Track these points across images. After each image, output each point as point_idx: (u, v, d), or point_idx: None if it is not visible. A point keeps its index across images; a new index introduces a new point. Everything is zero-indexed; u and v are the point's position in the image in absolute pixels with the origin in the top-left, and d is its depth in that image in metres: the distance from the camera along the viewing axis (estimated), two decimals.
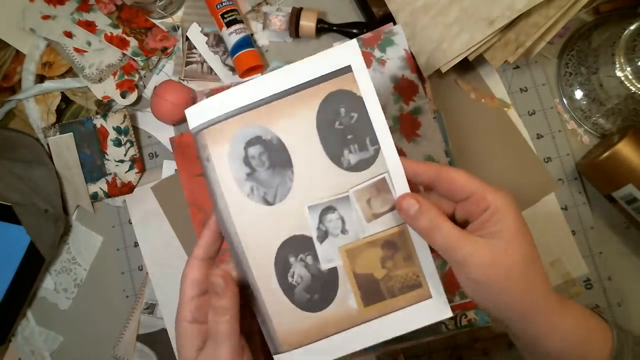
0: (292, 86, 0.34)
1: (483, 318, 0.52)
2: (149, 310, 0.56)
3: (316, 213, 0.34)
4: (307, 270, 0.35)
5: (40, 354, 0.58)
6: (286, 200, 0.34)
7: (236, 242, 0.34)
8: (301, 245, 0.35)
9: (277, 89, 0.34)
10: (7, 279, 0.56)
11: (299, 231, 0.34)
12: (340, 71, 0.34)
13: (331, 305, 0.35)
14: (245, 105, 0.34)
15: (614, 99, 0.51)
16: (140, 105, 0.61)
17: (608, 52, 0.50)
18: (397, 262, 0.35)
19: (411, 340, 0.52)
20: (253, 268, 0.34)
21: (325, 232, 0.34)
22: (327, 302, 0.35)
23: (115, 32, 0.59)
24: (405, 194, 0.33)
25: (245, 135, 0.34)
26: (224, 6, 0.57)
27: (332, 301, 0.35)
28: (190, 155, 0.56)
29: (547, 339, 0.33)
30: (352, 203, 0.34)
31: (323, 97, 0.34)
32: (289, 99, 0.34)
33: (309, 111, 0.34)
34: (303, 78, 0.34)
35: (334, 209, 0.34)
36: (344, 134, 0.34)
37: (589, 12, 0.57)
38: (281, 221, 0.34)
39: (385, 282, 0.35)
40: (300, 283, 0.35)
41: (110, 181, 0.58)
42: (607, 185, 0.51)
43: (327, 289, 0.35)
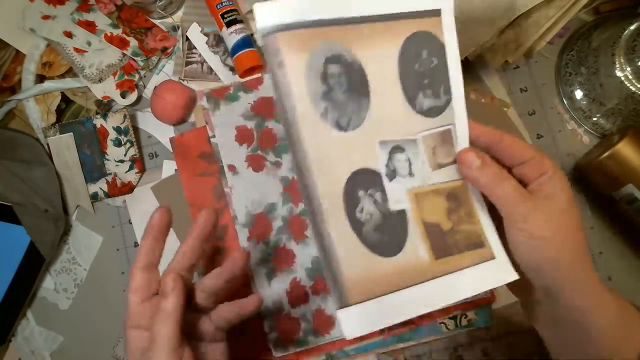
0: (382, 13, 0.32)
1: (483, 318, 0.52)
2: None
3: (386, 150, 0.33)
4: (377, 207, 0.32)
5: (40, 354, 0.58)
6: (359, 129, 0.32)
7: (303, 163, 0.31)
8: (371, 180, 0.32)
9: (364, 11, 0.32)
10: (7, 279, 0.56)
11: (369, 164, 0.32)
12: (431, 12, 0.33)
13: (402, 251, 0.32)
14: (328, 19, 0.31)
15: (614, 99, 0.51)
16: (140, 105, 0.61)
17: (608, 52, 0.50)
18: (461, 216, 0.34)
19: (411, 341, 0.52)
20: (321, 196, 0.31)
21: (394, 171, 0.33)
22: (398, 247, 0.32)
23: (115, 32, 0.59)
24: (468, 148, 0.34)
25: (327, 49, 0.31)
26: (224, 6, 0.57)
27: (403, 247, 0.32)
28: (190, 156, 0.56)
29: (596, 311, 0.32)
30: (419, 147, 0.33)
31: (408, 35, 0.33)
32: (376, 27, 0.32)
33: (393, 45, 0.33)
34: (395, 8, 0.32)
35: (403, 149, 0.33)
36: (422, 76, 0.33)
37: (589, 12, 0.57)
38: (353, 150, 0.32)
39: (452, 235, 0.33)
40: (370, 221, 0.32)
41: (110, 181, 0.58)
42: (607, 185, 0.51)
43: (397, 232, 0.32)
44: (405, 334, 0.52)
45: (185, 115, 0.58)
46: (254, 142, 0.56)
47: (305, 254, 0.53)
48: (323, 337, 0.51)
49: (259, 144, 0.56)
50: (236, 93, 0.57)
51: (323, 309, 0.52)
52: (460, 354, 0.54)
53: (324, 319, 0.51)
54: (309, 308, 0.52)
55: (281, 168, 0.55)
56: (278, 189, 0.55)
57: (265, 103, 0.56)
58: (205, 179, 0.56)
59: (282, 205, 0.54)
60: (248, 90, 0.57)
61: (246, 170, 0.55)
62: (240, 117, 0.56)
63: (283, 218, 0.54)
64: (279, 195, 0.55)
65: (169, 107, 0.56)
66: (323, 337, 0.51)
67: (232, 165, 0.55)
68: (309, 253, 0.53)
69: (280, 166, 0.55)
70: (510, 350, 0.53)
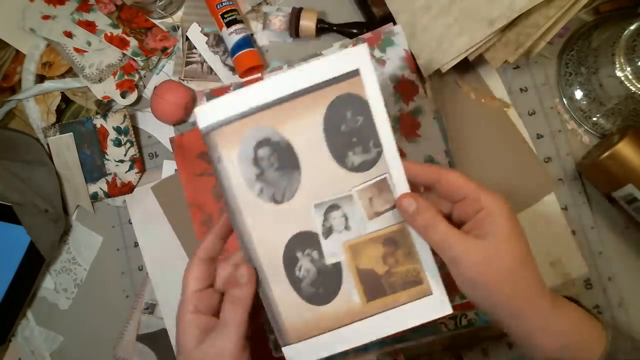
0: (301, 88, 0.35)
1: (483, 318, 0.52)
2: (149, 310, 0.56)
3: (321, 211, 0.36)
4: (313, 264, 0.36)
5: (40, 354, 0.58)
6: (294, 199, 0.36)
7: (247, 239, 0.36)
8: (308, 240, 0.36)
9: (286, 91, 0.35)
10: (7, 279, 0.56)
11: (305, 228, 0.36)
12: (349, 74, 0.35)
13: (336, 299, 0.36)
14: (255, 107, 0.35)
15: (614, 99, 0.51)
16: (140, 105, 0.61)
17: (608, 52, 0.50)
18: (398, 258, 0.36)
19: (411, 341, 0.52)
20: (263, 263, 0.36)
21: (330, 229, 0.36)
22: (332, 295, 0.36)
23: (115, 32, 0.59)
24: (405, 194, 0.35)
25: (255, 136, 0.35)
26: (224, 6, 0.57)
27: (337, 295, 0.36)
28: (190, 156, 0.56)
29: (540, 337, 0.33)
30: (355, 201, 0.36)
31: (331, 100, 0.35)
32: (297, 101, 0.35)
33: (317, 114, 0.35)
34: (312, 80, 0.35)
35: (338, 206, 0.36)
36: (349, 136, 0.35)
37: (589, 12, 0.57)
38: (289, 218, 0.36)
39: (386, 278, 0.36)
40: (307, 277, 0.37)
41: (110, 181, 0.58)
42: (607, 185, 0.51)
43: (332, 282, 0.36)
44: (405, 334, 0.52)
45: (185, 115, 0.58)
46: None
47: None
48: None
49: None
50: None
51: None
52: (460, 354, 0.54)
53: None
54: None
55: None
56: None
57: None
58: (205, 179, 0.56)
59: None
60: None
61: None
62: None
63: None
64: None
65: (169, 107, 0.56)
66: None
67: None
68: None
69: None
70: (511, 350, 0.53)
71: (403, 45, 0.54)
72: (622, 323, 0.52)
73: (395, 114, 0.53)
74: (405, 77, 0.54)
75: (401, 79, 0.54)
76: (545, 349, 0.33)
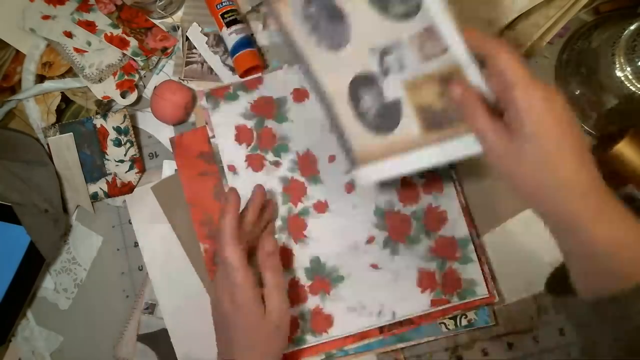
0: None
1: (483, 318, 0.52)
2: (149, 310, 0.56)
3: (376, 54, 0.40)
4: (375, 100, 0.42)
5: (41, 354, 0.58)
6: (348, 46, 0.41)
7: (319, 83, 0.43)
8: (368, 81, 0.42)
9: None
10: (7, 279, 0.56)
11: (364, 69, 0.41)
12: None
13: (396, 129, 0.42)
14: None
15: (614, 99, 0.51)
16: (140, 105, 0.61)
17: (608, 52, 0.50)
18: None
19: (411, 341, 0.52)
20: (334, 101, 0.44)
21: (387, 69, 0.40)
22: (393, 127, 0.42)
23: (115, 32, 0.59)
24: (452, 82, 0.36)
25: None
26: (224, 6, 0.57)
27: (397, 126, 0.41)
28: (190, 156, 0.56)
29: (600, 220, 0.32)
30: (406, 45, 0.38)
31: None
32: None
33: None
34: None
35: (391, 50, 0.39)
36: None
37: (589, 12, 0.57)
38: (348, 63, 0.42)
39: (443, 112, 0.38)
40: (370, 111, 0.43)
41: (110, 181, 0.58)
42: None
43: (393, 116, 0.41)
44: (405, 333, 0.52)
45: (185, 115, 0.58)
46: (253, 142, 0.56)
47: (304, 254, 0.53)
48: (321, 335, 0.51)
49: (259, 143, 0.56)
50: (236, 92, 0.57)
51: (321, 308, 0.52)
52: (460, 354, 0.54)
53: (322, 318, 0.51)
54: (307, 307, 0.52)
55: (280, 168, 0.55)
56: (277, 188, 0.55)
57: (265, 102, 0.56)
58: (205, 178, 0.56)
59: (281, 204, 0.54)
60: (248, 89, 0.57)
61: (246, 170, 0.55)
62: (240, 117, 0.56)
63: (282, 218, 0.54)
64: (278, 194, 0.55)
65: (169, 107, 0.56)
66: (321, 335, 0.51)
67: (232, 165, 0.55)
68: (308, 253, 0.53)
69: (279, 166, 0.55)
70: (511, 350, 0.53)
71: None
72: None
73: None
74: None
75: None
76: (603, 237, 0.32)
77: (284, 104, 0.56)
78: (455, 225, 0.52)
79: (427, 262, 0.52)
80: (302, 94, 0.57)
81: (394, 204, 0.54)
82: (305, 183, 0.55)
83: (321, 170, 0.55)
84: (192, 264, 0.56)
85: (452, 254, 0.52)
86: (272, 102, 0.57)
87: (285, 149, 0.56)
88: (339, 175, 0.55)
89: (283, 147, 0.56)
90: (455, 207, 0.53)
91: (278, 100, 0.57)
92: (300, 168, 0.55)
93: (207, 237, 0.55)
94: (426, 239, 0.52)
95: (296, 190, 0.55)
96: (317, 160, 0.55)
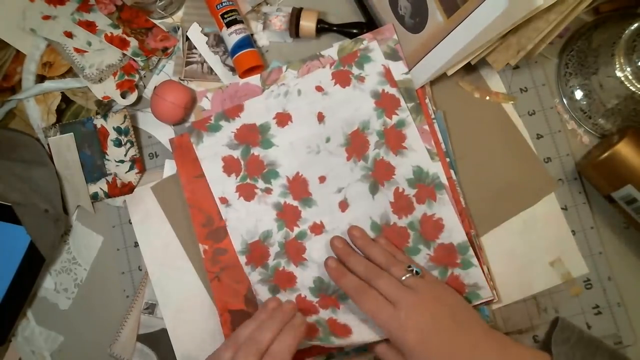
0: None
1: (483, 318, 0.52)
2: (149, 310, 0.56)
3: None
4: (408, 2, 0.50)
5: (41, 354, 0.58)
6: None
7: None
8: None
9: None
10: (7, 279, 0.56)
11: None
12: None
13: (427, 24, 0.49)
14: None
15: (614, 99, 0.51)
16: (141, 105, 0.61)
17: (608, 52, 0.50)
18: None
19: None
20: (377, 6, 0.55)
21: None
22: (424, 22, 0.49)
23: (115, 32, 0.59)
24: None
25: None
26: (224, 6, 0.57)
27: (427, 22, 0.49)
28: (189, 157, 0.56)
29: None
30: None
31: None
32: None
33: None
34: None
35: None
36: None
37: (589, 12, 0.57)
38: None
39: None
40: (406, 12, 0.50)
41: (110, 181, 0.58)
42: (606, 186, 0.51)
43: (422, 11, 0.49)
44: None
45: (185, 115, 0.58)
46: (242, 171, 0.55)
47: (306, 276, 0.53)
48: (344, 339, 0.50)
49: (247, 172, 0.55)
50: (217, 122, 0.56)
51: (335, 319, 0.51)
52: None
53: (339, 326, 0.50)
54: (321, 317, 0.51)
55: (272, 194, 0.55)
56: (271, 215, 0.54)
57: (248, 130, 0.56)
58: (205, 180, 0.56)
59: (277, 231, 0.54)
60: (229, 118, 0.56)
61: (237, 200, 0.55)
62: (225, 147, 0.55)
63: (280, 244, 0.54)
64: (273, 221, 0.54)
65: (169, 107, 0.56)
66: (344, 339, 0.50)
67: (224, 197, 0.55)
68: (310, 275, 0.53)
69: (270, 192, 0.55)
70: None
71: (380, 60, 0.54)
72: (622, 323, 0.52)
73: (379, 128, 0.54)
74: (385, 92, 0.54)
75: (382, 94, 0.54)
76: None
77: (268, 130, 0.56)
78: (452, 231, 0.51)
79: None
80: (285, 118, 0.56)
81: (389, 217, 0.53)
82: (298, 207, 0.54)
83: (313, 191, 0.54)
84: (192, 264, 0.56)
85: (452, 260, 0.51)
86: (256, 129, 0.56)
87: (274, 175, 0.55)
88: (332, 195, 0.54)
89: (272, 173, 0.55)
90: (451, 213, 0.52)
91: (261, 126, 0.56)
92: (292, 192, 0.55)
93: (206, 238, 0.55)
94: (425, 248, 0.52)
95: (290, 215, 0.54)
96: (308, 183, 0.55)
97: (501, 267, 0.53)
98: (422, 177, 0.53)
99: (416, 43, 0.51)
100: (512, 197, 0.54)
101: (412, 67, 0.53)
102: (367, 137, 0.54)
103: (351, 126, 0.55)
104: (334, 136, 0.55)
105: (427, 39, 0.50)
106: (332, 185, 0.54)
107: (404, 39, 0.53)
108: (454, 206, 0.52)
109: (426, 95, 0.55)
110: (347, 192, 0.54)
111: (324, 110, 0.55)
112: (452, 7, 0.46)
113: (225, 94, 0.57)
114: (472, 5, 0.44)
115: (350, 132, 0.55)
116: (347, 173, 0.54)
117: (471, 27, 0.45)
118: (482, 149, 0.55)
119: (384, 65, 0.54)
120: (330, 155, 0.55)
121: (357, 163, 0.54)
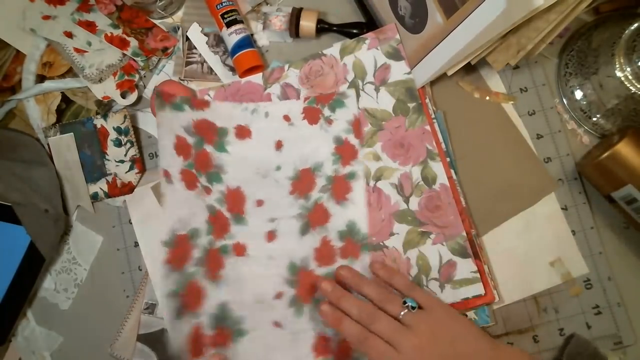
0: None
1: (483, 318, 0.52)
2: (149, 310, 0.56)
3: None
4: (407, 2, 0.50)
5: (41, 353, 0.58)
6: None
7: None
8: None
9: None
10: (7, 279, 0.56)
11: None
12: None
13: (426, 25, 0.49)
14: None
15: (614, 99, 0.51)
16: (141, 106, 0.61)
17: (608, 52, 0.50)
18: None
19: None
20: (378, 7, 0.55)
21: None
22: (424, 23, 0.50)
23: (115, 32, 0.59)
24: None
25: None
26: (224, 6, 0.57)
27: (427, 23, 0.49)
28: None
29: None
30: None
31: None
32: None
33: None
34: None
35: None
36: None
37: (589, 12, 0.57)
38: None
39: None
40: (406, 13, 0.51)
41: (110, 181, 0.58)
42: (606, 186, 0.51)
43: (422, 12, 0.49)
44: None
45: None
46: (190, 158, 0.54)
47: (214, 297, 0.51)
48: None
49: (195, 162, 0.54)
50: (182, 104, 0.55)
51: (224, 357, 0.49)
52: None
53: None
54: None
55: (210, 195, 0.54)
56: (204, 215, 0.53)
57: (207, 127, 0.55)
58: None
59: (205, 234, 0.53)
60: (194, 107, 0.55)
61: (179, 182, 0.53)
62: (182, 129, 0.54)
63: (203, 249, 0.52)
64: (204, 222, 0.53)
65: None
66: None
67: (168, 172, 0.53)
68: (218, 296, 0.51)
69: (209, 192, 0.54)
70: None
71: (353, 109, 0.54)
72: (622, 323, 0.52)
73: (330, 174, 0.54)
74: (347, 141, 0.54)
75: (344, 141, 0.54)
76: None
77: (226, 135, 0.55)
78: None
79: (326, 327, 0.50)
80: (244, 132, 0.56)
81: (309, 262, 0.52)
82: (229, 220, 0.54)
83: (247, 211, 0.54)
84: None
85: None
86: (215, 129, 0.55)
87: (218, 178, 0.54)
88: (263, 222, 0.54)
89: (216, 176, 0.54)
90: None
91: (221, 129, 0.55)
92: (228, 202, 0.54)
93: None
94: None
95: (220, 225, 0.53)
96: (245, 201, 0.54)
97: (501, 267, 0.53)
98: (353, 233, 0.52)
99: (416, 43, 0.52)
100: (512, 197, 0.54)
101: (412, 67, 0.54)
102: (316, 179, 0.54)
103: (305, 163, 0.55)
104: (285, 167, 0.55)
105: (427, 39, 0.50)
106: (267, 212, 0.54)
107: (404, 40, 0.54)
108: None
109: (426, 96, 0.55)
110: (279, 224, 0.54)
111: (284, 140, 0.56)
112: (452, 8, 0.46)
113: (227, 92, 0.57)
114: (472, 6, 0.45)
115: (301, 169, 0.55)
116: (285, 206, 0.54)
117: (471, 28, 0.46)
118: (482, 149, 0.55)
119: (355, 114, 0.54)
120: (276, 183, 0.55)
121: (297, 200, 0.54)
